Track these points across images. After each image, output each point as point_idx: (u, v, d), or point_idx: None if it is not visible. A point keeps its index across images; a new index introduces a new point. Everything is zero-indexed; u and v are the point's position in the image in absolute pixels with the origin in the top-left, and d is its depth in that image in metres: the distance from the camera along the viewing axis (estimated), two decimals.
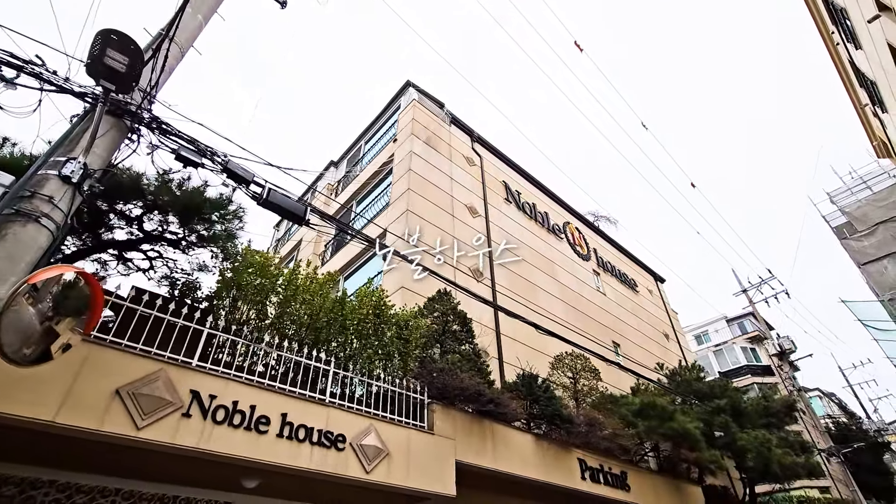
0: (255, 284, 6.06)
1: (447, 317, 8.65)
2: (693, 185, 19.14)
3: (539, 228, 15.94)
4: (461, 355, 7.92)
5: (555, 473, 8.03)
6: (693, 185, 19.14)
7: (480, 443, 7.16)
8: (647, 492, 9.68)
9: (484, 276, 11.92)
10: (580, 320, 14.49)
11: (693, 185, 19.10)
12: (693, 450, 10.26)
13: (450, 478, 6.40)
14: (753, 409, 13.23)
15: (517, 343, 11.53)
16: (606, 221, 24.03)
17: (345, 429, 5.63)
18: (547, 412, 8.27)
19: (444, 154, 13.80)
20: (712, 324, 33.66)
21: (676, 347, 19.42)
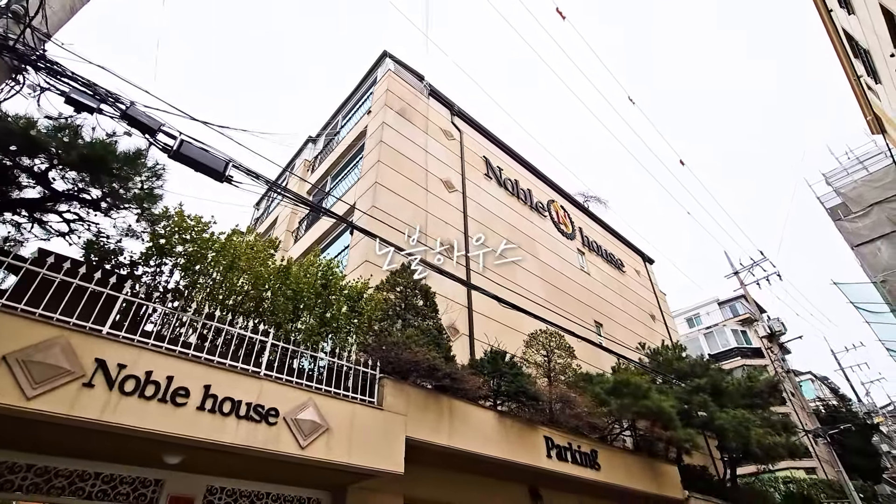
0: (187, 251, 5.66)
1: (409, 291, 8.28)
2: (682, 163, 18.66)
3: (521, 206, 15.50)
4: (420, 330, 7.56)
5: (518, 451, 7.74)
6: (682, 163, 18.66)
7: (436, 419, 6.85)
8: (618, 471, 9.44)
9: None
10: (560, 299, 14.15)
11: (682, 162, 18.62)
12: (667, 428, 10.00)
13: (398, 454, 6.09)
14: (735, 389, 12.98)
15: (491, 321, 11.20)
16: (596, 202, 23.61)
17: (279, 402, 5.29)
18: (511, 389, 7.95)
19: (420, 126, 13.30)
20: (704, 307, 33.45)
21: (663, 328, 19.15)
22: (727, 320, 30.52)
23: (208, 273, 5.78)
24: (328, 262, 6.72)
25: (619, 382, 9.92)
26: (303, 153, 17.27)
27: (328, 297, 6.42)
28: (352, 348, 6.82)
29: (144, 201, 5.13)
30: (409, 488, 7.19)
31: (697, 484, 11.55)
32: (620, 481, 9.35)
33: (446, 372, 6.85)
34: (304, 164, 16.56)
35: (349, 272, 9.70)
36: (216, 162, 4.68)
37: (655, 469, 10.54)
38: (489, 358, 8.43)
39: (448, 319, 9.92)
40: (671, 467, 11.12)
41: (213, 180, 4.70)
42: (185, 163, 4.52)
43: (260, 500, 6.12)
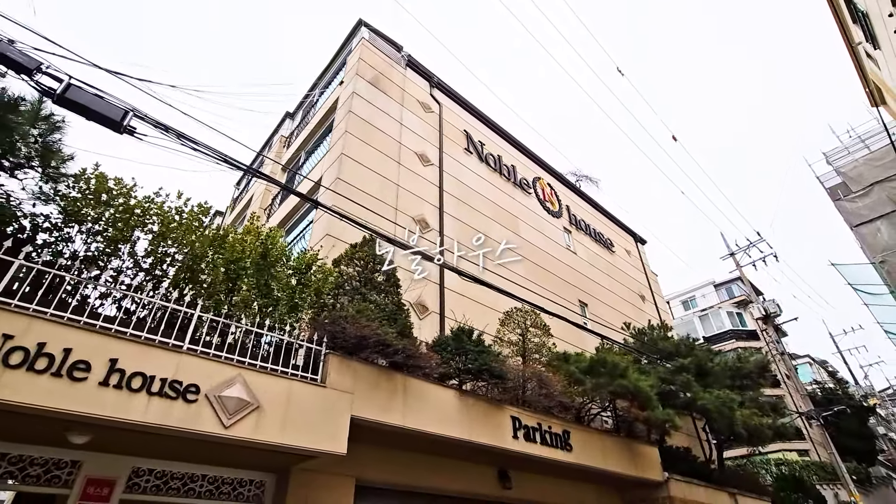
0: (105, 216, 5.19)
1: (368, 265, 7.82)
2: (675, 139, 18.02)
3: (504, 182, 14.95)
4: (377, 305, 7.12)
5: (481, 432, 7.35)
6: (675, 139, 18.02)
7: (388, 398, 6.44)
8: (593, 452, 9.07)
9: (430, 228, 11.04)
10: (543, 277, 13.70)
11: (675, 138, 17.98)
12: (645, 408, 9.61)
13: (341, 434, 5.69)
14: (721, 370, 12.57)
15: (465, 299, 10.76)
16: (588, 181, 23.02)
17: (200, 378, 4.87)
18: (474, 366, 7.53)
19: (395, 98, 12.70)
20: (700, 289, 33.00)
21: (653, 310, 18.72)
22: (722, 302, 30.09)
23: (129, 240, 5.32)
24: (271, 230, 6.24)
25: (596, 361, 9.51)
26: (281, 129, 16.70)
27: (268, 268, 5.96)
28: (299, 323, 6.40)
29: (49, 159, 4.64)
30: (361, 470, 6.83)
31: (679, 466, 11.22)
32: (595, 463, 8.99)
33: (397, 348, 6.42)
34: (280, 140, 16.00)
35: (312, 247, 9.25)
36: (112, 110, 4.18)
37: (634, 450, 10.18)
38: (453, 335, 8.00)
39: (415, 296, 9.49)
40: (651, 449, 10.77)
41: (111, 131, 4.20)
42: (74, 109, 4.03)
43: (194, 482, 5.75)
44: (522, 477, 9.00)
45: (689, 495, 10.81)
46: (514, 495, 8.70)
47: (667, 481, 10.47)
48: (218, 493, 5.88)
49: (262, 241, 6.02)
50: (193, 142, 4.71)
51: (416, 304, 9.53)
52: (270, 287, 5.99)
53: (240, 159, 5.26)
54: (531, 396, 8.81)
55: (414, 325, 9.11)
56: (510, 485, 8.53)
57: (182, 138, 4.62)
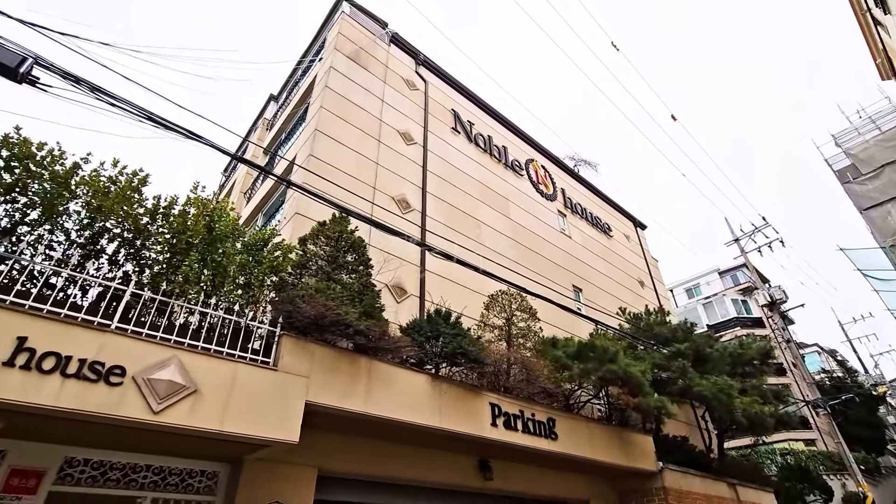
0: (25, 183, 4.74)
1: (338, 244, 7.33)
2: (674, 118, 17.33)
3: (494, 163, 14.39)
4: (343, 286, 6.64)
5: (456, 419, 6.89)
6: (674, 118, 17.33)
7: (350, 382, 5.99)
8: (580, 441, 8.60)
9: (411, 208, 10.54)
10: (535, 261, 13.17)
11: (674, 117, 17.30)
12: (636, 394, 9.10)
13: (293, 421, 5.25)
14: (720, 356, 12.02)
15: (449, 282, 10.27)
16: (586, 165, 22.38)
17: (127, 360, 4.42)
18: (448, 350, 7.05)
19: (377, 74, 12.15)
20: (704, 276, 32.29)
21: (653, 296, 18.14)
22: (727, 290, 29.39)
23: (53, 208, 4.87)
24: (218, 202, 5.76)
25: (584, 346, 9.00)
26: (266, 112, 16.20)
27: (214, 243, 5.49)
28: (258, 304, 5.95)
29: None
30: (325, 460, 6.40)
31: (675, 455, 10.73)
32: (582, 452, 8.52)
33: (358, 329, 5.94)
34: (264, 122, 15.51)
35: (282, 227, 8.79)
36: (7, 56, 3.69)
37: (626, 439, 9.70)
38: (427, 318, 7.52)
39: (392, 278, 9.02)
40: (645, 438, 10.28)
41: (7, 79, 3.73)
42: None
43: (136, 473, 5.34)
44: (506, 467, 8.55)
45: (684, 485, 10.32)
46: (497, 486, 8.26)
47: (661, 471, 9.98)
48: (164, 485, 5.47)
49: (208, 215, 5.55)
50: (111, 96, 4.22)
51: (392, 287, 9.06)
52: (219, 264, 5.52)
53: (194, 131, 4.78)
54: (514, 382, 8.35)
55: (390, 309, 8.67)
56: (491, 475, 8.08)
57: (97, 91, 4.13)
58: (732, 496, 11.73)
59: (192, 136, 4.84)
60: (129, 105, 4.32)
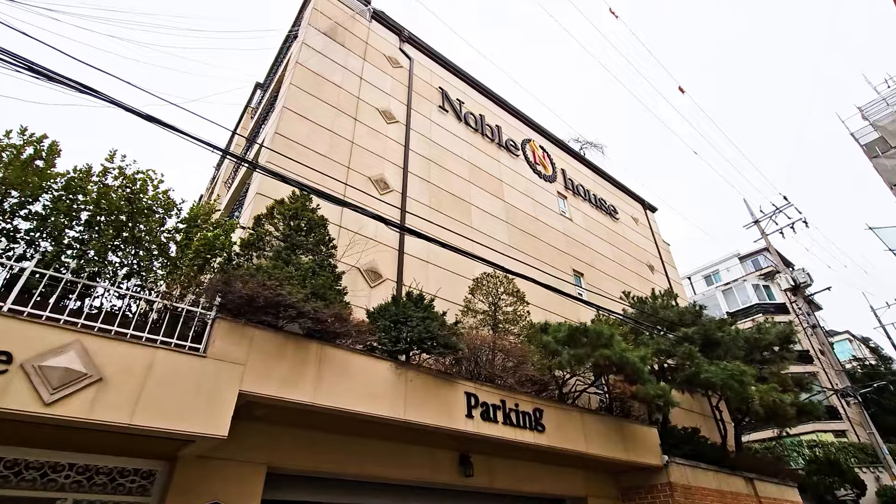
0: None
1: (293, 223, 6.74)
2: (681, 90, 16.28)
3: (486, 143, 13.64)
4: (295, 267, 6.04)
5: (423, 410, 6.24)
6: (681, 90, 16.28)
7: (297, 370, 5.39)
8: (571, 433, 7.86)
9: (390, 189, 9.90)
10: (530, 245, 12.41)
11: (681, 89, 16.24)
12: (634, 382, 8.31)
13: (223, 414, 4.67)
14: (732, 340, 11.08)
15: (432, 266, 9.61)
16: (592, 147, 21.43)
17: (17, 345, 3.90)
18: (414, 334, 6.40)
19: (356, 51, 11.54)
20: (723, 262, 30.88)
21: (663, 281, 17.14)
22: (748, 275, 27.98)
23: None
24: (139, 171, 5.20)
25: (576, 330, 8.24)
26: (252, 101, 15.76)
27: (135, 216, 4.94)
28: (184, 285, 5.40)
29: None
30: (276, 456, 5.83)
31: (683, 448, 9.87)
32: (574, 446, 7.78)
33: (302, 311, 5.33)
34: (249, 112, 15.07)
35: (244, 210, 8.26)
36: None
37: (626, 432, 8.91)
38: (393, 300, 6.88)
39: (366, 261, 8.40)
40: (648, 430, 9.47)
41: None
42: None
43: (57, 472, 4.84)
44: (490, 463, 7.88)
45: (693, 481, 9.48)
46: (480, 483, 7.59)
47: (666, 466, 9.16)
48: (90, 486, 4.97)
49: (129, 186, 5.00)
50: None
51: (366, 271, 8.44)
52: (139, 240, 4.98)
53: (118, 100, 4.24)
54: (496, 370, 7.67)
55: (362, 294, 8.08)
56: (472, 472, 7.41)
57: None
58: (750, 492, 10.82)
59: (116, 104, 4.29)
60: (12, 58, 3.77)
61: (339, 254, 7.82)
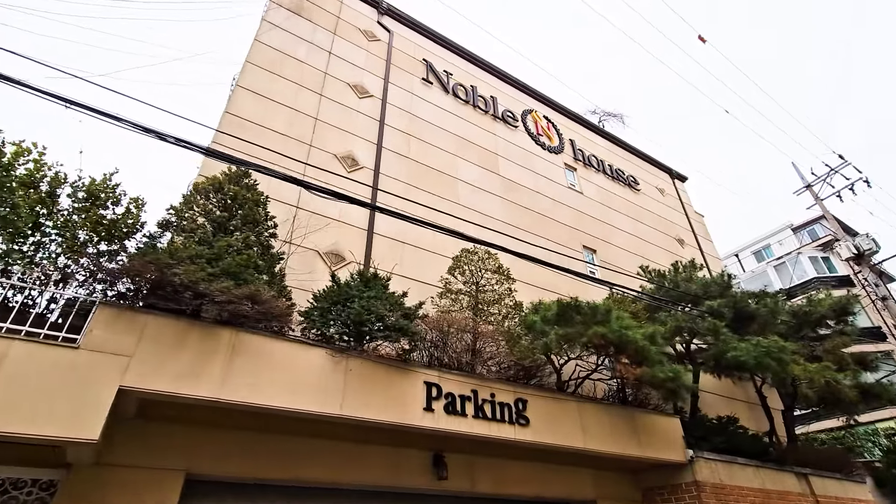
0: None
1: (224, 200, 6.04)
2: (702, 40, 14.52)
3: (479, 115, 12.57)
4: (209, 245, 5.31)
5: (367, 404, 5.35)
6: (702, 40, 14.52)
7: (199, 361, 4.62)
8: (565, 426, 6.73)
9: (360, 166, 9.07)
10: (531, 220, 11.25)
11: (702, 38, 14.49)
12: (640, 364, 7.04)
13: (94, 415, 3.97)
14: (769, 312, 9.46)
15: (408, 246, 8.70)
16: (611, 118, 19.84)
17: None
18: (352, 316, 5.50)
19: (326, 26, 10.82)
20: (775, 235, 28.08)
21: (696, 255, 15.38)
22: (803, 247, 25.19)
23: None
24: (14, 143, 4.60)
25: (567, 307, 7.07)
26: None
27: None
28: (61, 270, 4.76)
29: None
30: (197, 462, 5.10)
31: (713, 441, 8.43)
32: (567, 441, 6.64)
33: (199, 291, 4.56)
34: None
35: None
36: None
37: (638, 423, 7.64)
38: (334, 282, 6.01)
39: (328, 244, 7.60)
40: (669, 420, 8.13)
41: None
42: None
43: None
44: (472, 463, 6.86)
45: (727, 478, 8.04)
46: (456, 487, 6.59)
47: (691, 462, 7.80)
48: None
49: None
50: None
51: (327, 253, 7.64)
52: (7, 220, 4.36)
53: None
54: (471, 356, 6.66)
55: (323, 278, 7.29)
56: (446, 474, 6.42)
57: None
58: (803, 490, 9.18)
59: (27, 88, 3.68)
60: None
61: (289, 234, 7.07)
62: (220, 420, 5.23)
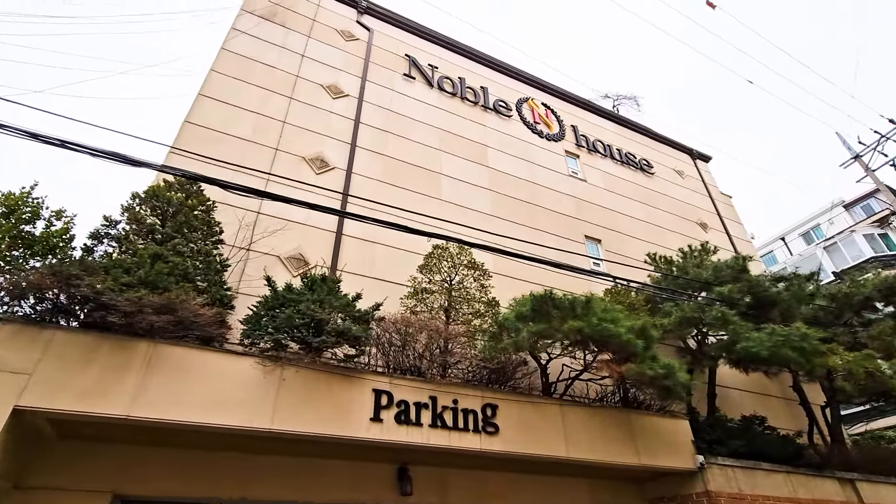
0: None
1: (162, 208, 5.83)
2: (711, 6, 13.39)
3: (467, 107, 12.04)
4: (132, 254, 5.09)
5: (304, 416, 4.93)
6: (711, 6, 13.39)
7: (110, 377, 4.36)
8: (543, 433, 6.06)
9: (330, 167, 8.75)
10: (524, 212, 10.59)
11: (710, 3, 13.36)
12: (626, 359, 6.26)
13: None
14: (794, 297, 8.35)
15: (379, 246, 8.27)
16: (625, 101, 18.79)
17: None
18: (280, 322, 5.10)
19: (300, 30, 10.66)
20: (824, 214, 25.73)
21: (721, 240, 14.11)
22: (856, 224, 22.89)
23: None
24: None
25: (542, 300, 6.40)
26: None
27: None
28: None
29: None
30: (125, 482, 4.84)
31: (731, 444, 7.45)
32: (546, 450, 5.97)
33: (104, 303, 4.30)
34: None
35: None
36: None
37: (636, 426, 6.83)
38: (272, 289, 5.64)
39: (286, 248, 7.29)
40: (675, 422, 7.25)
41: None
42: None
43: None
44: (443, 476, 6.32)
45: (748, 487, 7.05)
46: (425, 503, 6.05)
47: (701, 469, 6.88)
48: None
49: None
50: None
51: (288, 258, 7.34)
52: None
53: None
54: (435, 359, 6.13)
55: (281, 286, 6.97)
56: (410, 489, 5.90)
57: None
58: (849, 498, 7.98)
59: None
60: None
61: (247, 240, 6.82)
62: (151, 438, 4.96)
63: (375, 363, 5.96)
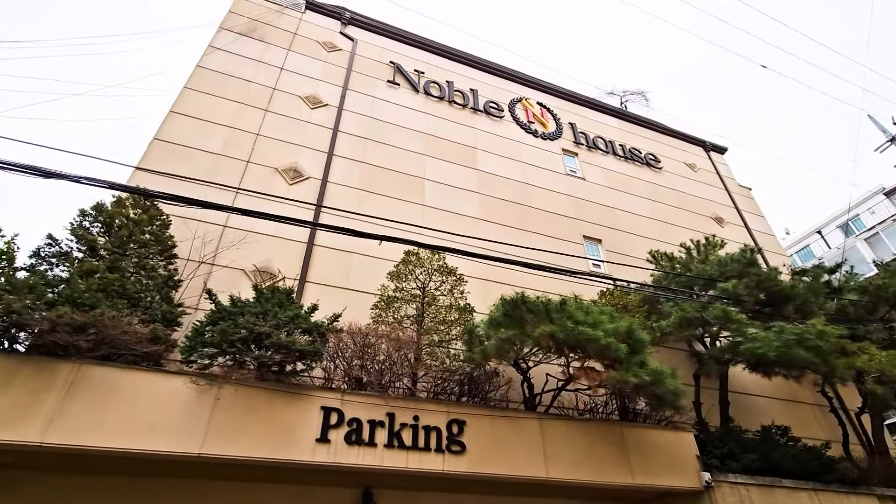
0: None
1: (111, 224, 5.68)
2: None
3: (456, 110, 11.69)
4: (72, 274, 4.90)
5: (240, 439, 4.56)
6: None
7: (27, 401, 4.12)
8: (517, 451, 5.48)
9: (304, 177, 8.52)
10: (516, 214, 10.07)
11: None
12: (609, 365, 5.63)
13: None
14: (811, 290, 7.48)
15: (355, 255, 7.92)
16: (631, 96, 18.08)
17: None
18: (216, 336, 4.78)
19: (280, 44, 10.62)
20: (864, 203, 23.94)
21: (740, 234, 13.13)
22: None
23: None
24: None
25: (514, 304, 5.87)
26: None
27: None
28: None
29: None
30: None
31: (745, 459, 6.62)
32: (520, 470, 5.40)
33: (14, 322, 4.08)
34: None
35: None
36: None
37: (630, 440, 6.15)
38: (211, 299, 5.34)
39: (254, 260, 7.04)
40: (676, 435, 6.52)
41: None
42: None
43: None
44: (415, 500, 5.80)
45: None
46: None
47: (709, 488, 6.11)
48: None
49: None
50: None
51: (253, 272, 7.06)
52: None
53: None
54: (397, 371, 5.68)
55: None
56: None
57: None
58: None
59: None
60: None
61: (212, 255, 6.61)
62: (76, 465, 4.69)
63: (332, 379, 5.55)
